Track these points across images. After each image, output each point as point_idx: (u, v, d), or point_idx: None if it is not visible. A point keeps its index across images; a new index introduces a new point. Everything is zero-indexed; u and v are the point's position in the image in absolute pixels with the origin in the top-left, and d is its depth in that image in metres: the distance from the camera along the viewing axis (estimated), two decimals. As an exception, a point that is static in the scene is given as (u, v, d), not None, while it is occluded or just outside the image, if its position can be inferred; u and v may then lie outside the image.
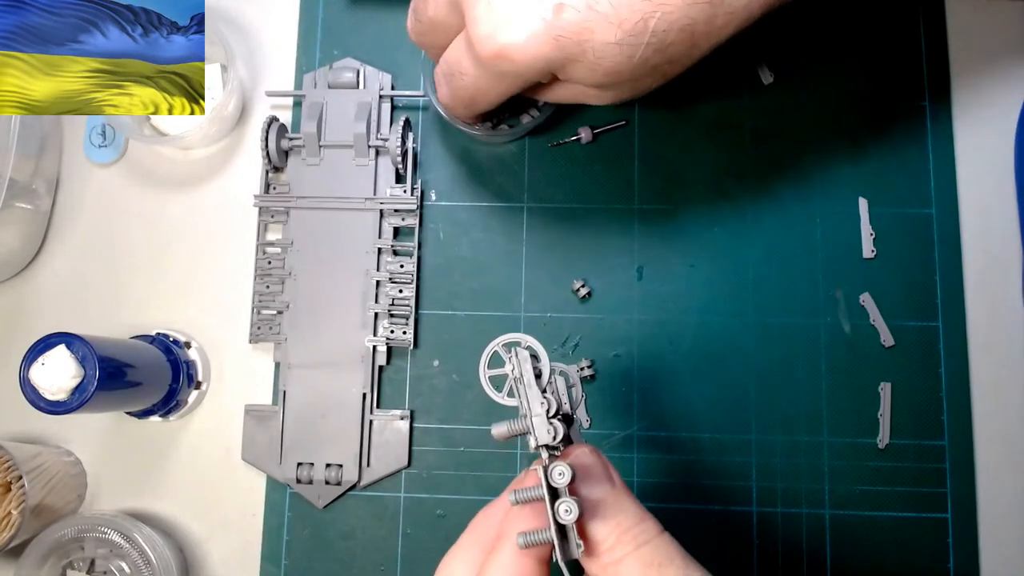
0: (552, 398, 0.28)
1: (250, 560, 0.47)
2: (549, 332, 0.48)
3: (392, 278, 0.48)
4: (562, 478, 0.25)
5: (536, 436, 0.28)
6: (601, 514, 0.27)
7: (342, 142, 0.49)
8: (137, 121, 0.50)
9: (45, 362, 0.40)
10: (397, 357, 0.49)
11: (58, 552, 0.44)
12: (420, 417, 0.48)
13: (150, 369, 0.45)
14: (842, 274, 0.48)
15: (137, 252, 0.51)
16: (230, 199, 0.51)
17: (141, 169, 0.52)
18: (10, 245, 0.49)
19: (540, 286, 0.49)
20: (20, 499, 0.43)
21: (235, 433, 0.48)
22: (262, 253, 0.49)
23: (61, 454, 0.48)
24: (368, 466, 0.47)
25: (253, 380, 0.49)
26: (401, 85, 0.51)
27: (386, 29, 0.52)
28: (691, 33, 0.33)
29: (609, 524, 0.26)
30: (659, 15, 0.32)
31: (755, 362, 0.47)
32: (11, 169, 0.45)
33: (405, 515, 0.47)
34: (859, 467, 0.46)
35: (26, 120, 0.47)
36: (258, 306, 0.49)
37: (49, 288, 0.51)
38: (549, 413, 0.28)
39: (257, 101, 0.52)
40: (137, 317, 0.50)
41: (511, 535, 0.26)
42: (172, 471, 0.49)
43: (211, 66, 0.50)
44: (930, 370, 0.47)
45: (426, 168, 0.51)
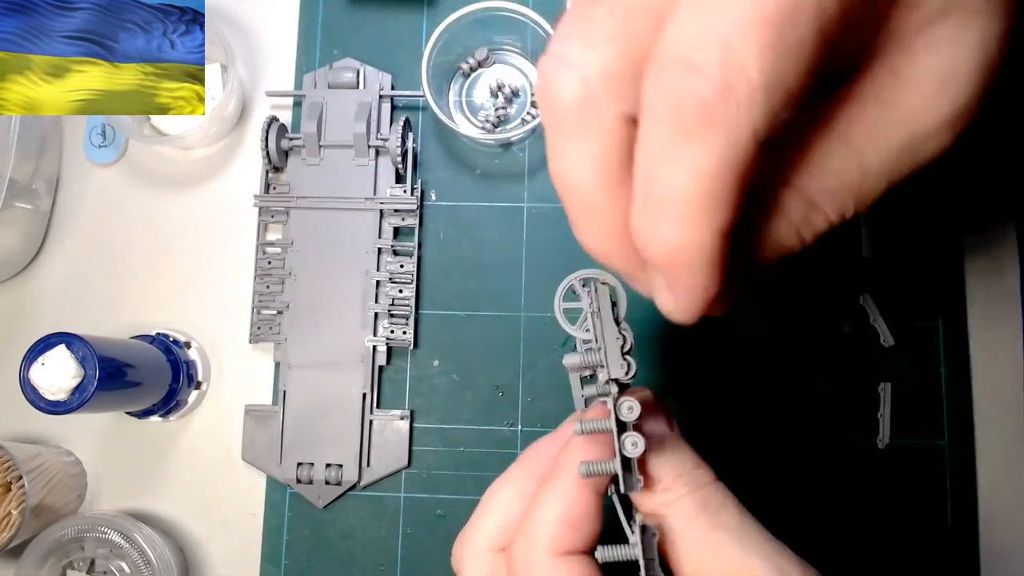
0: (627, 334, 0.28)
1: (250, 560, 0.47)
2: (549, 332, 0.48)
3: (392, 278, 0.48)
4: (631, 413, 0.25)
5: (609, 369, 0.27)
6: (659, 454, 0.27)
7: (342, 142, 0.49)
8: (137, 121, 0.50)
9: (45, 362, 0.40)
10: (397, 357, 0.49)
11: (58, 552, 0.44)
12: (420, 417, 0.48)
13: (150, 369, 0.45)
14: (842, 274, 0.48)
15: (137, 252, 0.51)
16: (230, 199, 0.51)
17: (141, 169, 0.52)
18: (10, 245, 0.49)
19: (540, 286, 0.49)
20: (20, 499, 0.43)
21: (235, 433, 0.48)
22: (262, 253, 0.49)
23: (61, 454, 0.48)
24: (368, 466, 0.47)
25: (253, 380, 0.49)
26: (401, 85, 0.51)
27: (386, 29, 0.52)
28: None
29: (667, 465, 0.27)
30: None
31: (755, 360, 0.47)
32: (11, 169, 0.45)
33: (405, 515, 0.47)
34: (859, 467, 0.46)
35: (26, 120, 0.47)
36: (258, 306, 0.49)
37: (49, 288, 0.51)
38: (623, 348, 0.28)
39: (257, 101, 0.52)
40: (137, 317, 0.50)
41: (569, 466, 0.26)
42: (172, 471, 0.49)
43: (211, 66, 0.50)
44: (930, 370, 0.47)
45: (426, 168, 0.51)
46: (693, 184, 0.18)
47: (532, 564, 0.25)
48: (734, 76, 0.17)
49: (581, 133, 0.20)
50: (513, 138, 0.49)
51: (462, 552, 0.28)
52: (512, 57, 0.51)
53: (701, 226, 0.19)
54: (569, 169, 0.21)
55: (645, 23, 0.19)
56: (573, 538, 0.25)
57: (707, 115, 0.17)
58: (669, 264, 0.20)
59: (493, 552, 0.27)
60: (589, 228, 0.22)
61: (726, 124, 0.17)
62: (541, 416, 0.47)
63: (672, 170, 0.18)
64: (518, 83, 0.51)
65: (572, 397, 0.48)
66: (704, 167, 0.18)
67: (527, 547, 0.25)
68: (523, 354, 0.48)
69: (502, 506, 0.28)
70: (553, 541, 0.25)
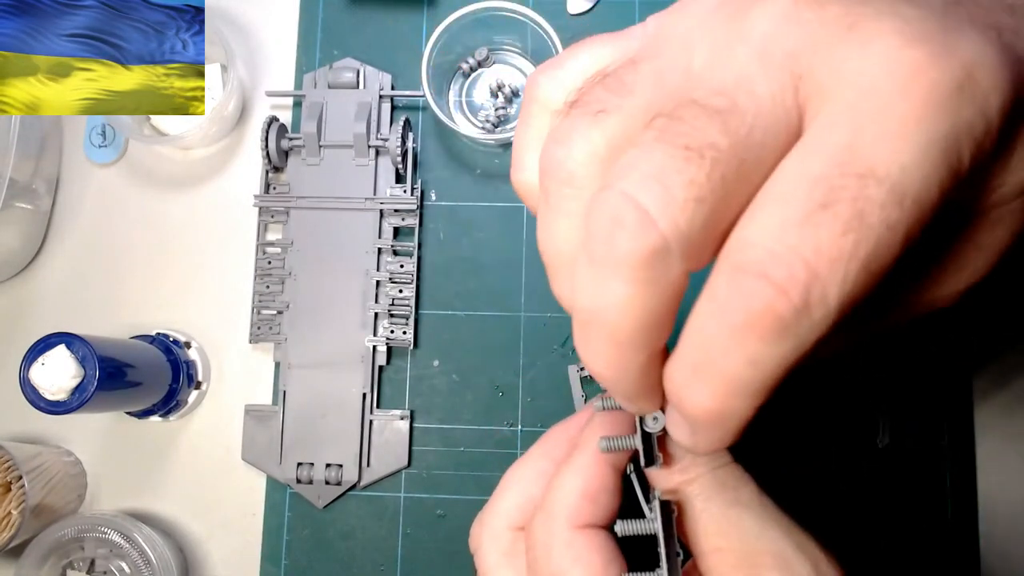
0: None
1: (250, 560, 0.47)
2: (549, 332, 0.48)
3: (392, 278, 0.48)
4: (656, 423, 0.25)
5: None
6: None
7: (342, 142, 0.49)
8: (137, 121, 0.50)
9: (45, 362, 0.40)
10: (397, 357, 0.49)
11: (58, 552, 0.44)
12: (420, 417, 0.48)
13: (150, 369, 0.45)
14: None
15: (137, 252, 0.51)
16: (230, 199, 0.51)
17: (141, 169, 0.52)
18: (10, 245, 0.49)
19: (540, 286, 0.49)
20: (20, 499, 0.43)
21: (235, 433, 0.48)
22: (262, 253, 0.49)
23: (61, 454, 0.48)
24: (368, 466, 0.47)
25: (253, 380, 0.49)
26: (401, 85, 0.51)
27: (386, 29, 0.52)
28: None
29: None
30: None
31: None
32: (11, 169, 0.45)
33: (405, 515, 0.47)
34: (859, 467, 0.46)
35: (26, 120, 0.47)
36: (258, 306, 0.49)
37: (49, 288, 0.51)
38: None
39: (257, 101, 0.52)
40: (137, 317, 0.50)
41: (589, 442, 0.26)
42: (172, 471, 0.49)
43: (211, 66, 0.50)
44: (930, 369, 0.47)
45: (426, 168, 0.51)
46: (749, 372, 0.18)
47: (551, 537, 0.25)
48: (814, 301, 0.17)
49: (642, 281, 0.19)
50: (513, 138, 0.49)
51: (480, 531, 0.28)
52: (512, 57, 0.51)
53: (747, 402, 0.19)
54: (615, 307, 0.19)
55: (740, 197, 0.18)
56: (592, 511, 0.25)
57: (778, 325, 0.17)
58: (698, 421, 0.20)
59: (512, 531, 0.27)
60: (604, 353, 0.20)
61: (796, 335, 0.17)
62: (541, 416, 0.47)
63: (731, 357, 0.18)
64: (518, 83, 0.51)
65: (572, 397, 0.48)
66: (764, 363, 0.18)
67: (546, 520, 0.25)
68: (523, 354, 0.48)
69: (521, 485, 0.28)
70: (572, 514, 0.25)
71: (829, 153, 0.17)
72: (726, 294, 0.18)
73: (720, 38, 0.19)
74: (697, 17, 0.20)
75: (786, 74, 0.18)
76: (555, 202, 0.21)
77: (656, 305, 0.19)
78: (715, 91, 0.18)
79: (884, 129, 0.17)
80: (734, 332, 0.18)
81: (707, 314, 0.18)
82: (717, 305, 0.18)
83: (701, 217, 0.18)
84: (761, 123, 0.18)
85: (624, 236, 0.18)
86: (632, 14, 0.50)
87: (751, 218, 0.18)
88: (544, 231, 0.22)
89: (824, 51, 0.18)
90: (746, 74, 0.18)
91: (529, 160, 0.24)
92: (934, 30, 0.17)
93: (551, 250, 0.22)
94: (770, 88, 0.18)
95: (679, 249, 0.18)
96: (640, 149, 0.18)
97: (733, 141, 0.18)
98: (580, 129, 0.21)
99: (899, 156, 0.17)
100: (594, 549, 0.25)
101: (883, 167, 0.17)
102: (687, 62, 0.20)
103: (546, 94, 0.24)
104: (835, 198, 0.17)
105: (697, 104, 0.18)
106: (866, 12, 0.18)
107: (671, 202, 0.18)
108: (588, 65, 0.23)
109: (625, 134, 0.20)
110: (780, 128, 0.18)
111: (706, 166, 0.18)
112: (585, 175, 0.21)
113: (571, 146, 0.21)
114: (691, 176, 0.18)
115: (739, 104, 0.18)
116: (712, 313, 0.18)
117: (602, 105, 0.21)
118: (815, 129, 0.18)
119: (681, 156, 0.18)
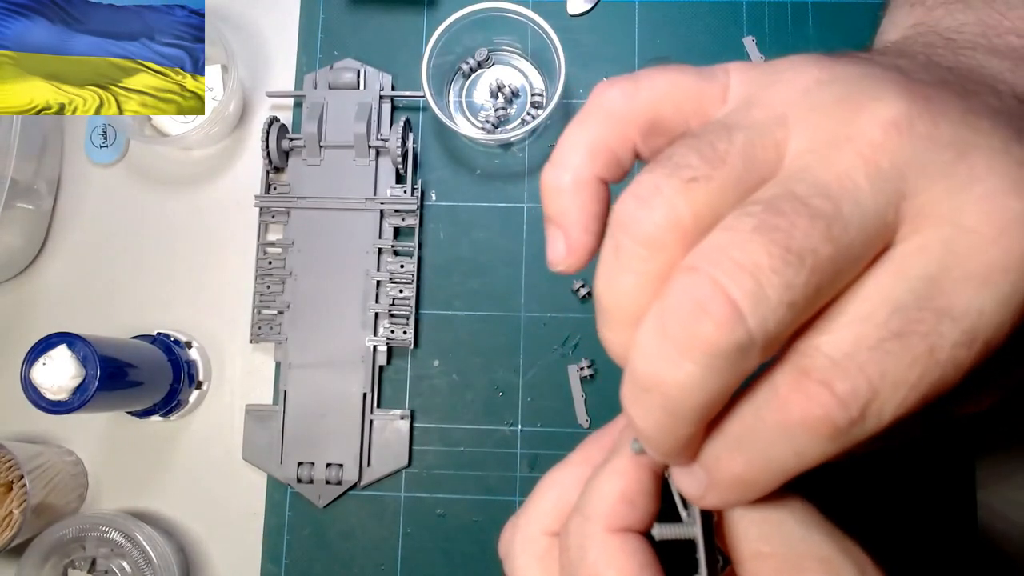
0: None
1: (251, 559, 0.47)
2: (549, 332, 0.48)
3: (392, 278, 0.48)
4: None
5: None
6: None
7: (342, 142, 0.49)
8: (138, 121, 0.50)
9: (46, 362, 0.40)
10: (397, 357, 0.49)
11: (59, 551, 0.44)
12: (420, 417, 0.48)
13: (151, 369, 0.45)
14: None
15: (138, 252, 0.51)
16: (231, 199, 0.51)
17: (142, 169, 0.52)
18: (12, 245, 0.50)
19: (540, 286, 0.49)
20: (22, 498, 0.43)
21: (236, 433, 0.48)
22: (263, 253, 0.50)
23: (62, 454, 0.48)
24: (368, 466, 0.47)
25: (253, 380, 0.49)
26: (401, 85, 0.51)
27: (386, 30, 0.52)
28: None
29: None
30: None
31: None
32: (12, 169, 0.45)
33: (405, 515, 0.47)
34: (859, 467, 0.46)
35: (27, 120, 0.47)
36: (259, 306, 0.49)
37: (50, 288, 0.51)
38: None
39: (258, 102, 0.52)
40: (138, 317, 0.50)
41: (627, 446, 0.26)
42: (173, 471, 0.49)
43: (211, 67, 0.50)
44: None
45: (426, 168, 0.51)
46: (791, 461, 0.19)
47: (586, 539, 0.24)
48: (870, 415, 0.18)
49: (716, 369, 0.18)
50: (513, 138, 0.49)
51: (513, 536, 0.27)
52: (512, 57, 0.51)
53: (775, 480, 0.20)
54: (681, 385, 0.19)
55: (825, 300, 0.18)
56: (629, 515, 0.25)
57: (831, 430, 0.18)
58: (721, 483, 0.21)
59: (547, 535, 0.27)
60: (656, 419, 0.21)
61: (845, 439, 0.18)
62: (541, 416, 0.47)
63: (778, 445, 0.19)
64: (518, 83, 0.51)
65: (572, 397, 0.48)
66: (807, 456, 0.19)
67: (582, 523, 0.25)
68: (523, 354, 0.48)
69: (558, 490, 0.27)
70: (609, 517, 0.25)
71: (913, 283, 0.17)
72: (788, 392, 0.18)
73: (823, 129, 0.19)
74: (797, 92, 0.20)
75: (892, 191, 0.18)
76: (625, 259, 0.21)
77: (722, 389, 0.19)
78: (819, 191, 0.18)
79: (971, 271, 0.17)
80: (788, 426, 0.18)
81: (764, 402, 0.19)
82: (776, 398, 0.19)
83: (789, 319, 0.18)
84: (862, 237, 0.18)
85: (709, 324, 0.18)
86: (632, 15, 0.50)
87: (826, 328, 0.18)
88: (606, 280, 0.22)
89: (931, 177, 0.18)
90: (852, 180, 0.18)
91: (573, 161, 0.23)
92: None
93: (610, 300, 0.22)
94: (875, 203, 0.18)
95: (761, 346, 0.18)
96: (734, 235, 0.18)
97: (835, 250, 0.17)
98: (666, 193, 0.20)
99: (979, 301, 0.17)
100: (630, 553, 0.24)
101: (961, 307, 0.17)
102: (782, 141, 0.19)
103: (616, 105, 0.23)
104: (910, 330, 0.17)
105: (799, 201, 0.18)
106: (978, 144, 0.18)
107: (763, 301, 0.17)
108: (664, 90, 0.23)
109: (711, 208, 0.20)
110: (877, 243, 0.18)
111: (804, 273, 0.17)
112: (663, 241, 0.20)
113: (653, 208, 0.20)
114: (789, 279, 0.17)
115: (843, 212, 0.18)
116: (769, 402, 0.19)
117: (693, 173, 0.20)
118: (906, 253, 0.18)
119: (780, 256, 0.17)
